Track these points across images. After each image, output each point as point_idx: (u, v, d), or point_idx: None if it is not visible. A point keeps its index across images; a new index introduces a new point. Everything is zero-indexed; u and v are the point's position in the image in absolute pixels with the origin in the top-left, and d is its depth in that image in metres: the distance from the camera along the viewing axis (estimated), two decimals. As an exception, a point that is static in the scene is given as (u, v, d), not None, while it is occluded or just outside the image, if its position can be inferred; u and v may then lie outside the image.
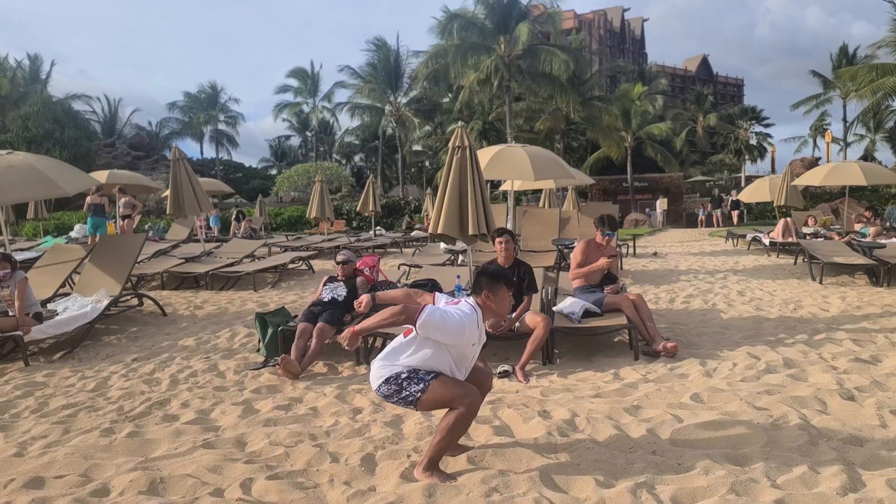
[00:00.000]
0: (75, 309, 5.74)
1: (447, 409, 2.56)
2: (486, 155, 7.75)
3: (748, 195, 17.41)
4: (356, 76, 35.46)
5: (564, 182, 11.52)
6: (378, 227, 17.58)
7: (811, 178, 12.64)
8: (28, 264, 7.40)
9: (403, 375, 2.53)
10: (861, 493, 2.35)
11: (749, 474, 2.53)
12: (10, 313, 5.11)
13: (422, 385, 2.49)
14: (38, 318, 5.24)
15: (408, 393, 2.51)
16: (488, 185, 7.84)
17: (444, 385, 2.50)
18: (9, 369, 4.74)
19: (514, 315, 4.48)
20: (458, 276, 5.62)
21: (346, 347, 2.59)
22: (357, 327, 2.58)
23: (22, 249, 10.88)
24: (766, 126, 43.73)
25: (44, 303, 5.80)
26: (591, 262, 5.13)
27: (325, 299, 5.07)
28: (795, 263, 9.60)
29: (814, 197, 21.71)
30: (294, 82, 42.28)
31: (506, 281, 2.67)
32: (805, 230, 11.76)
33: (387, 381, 2.56)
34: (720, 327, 5.47)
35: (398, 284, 5.69)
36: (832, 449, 2.75)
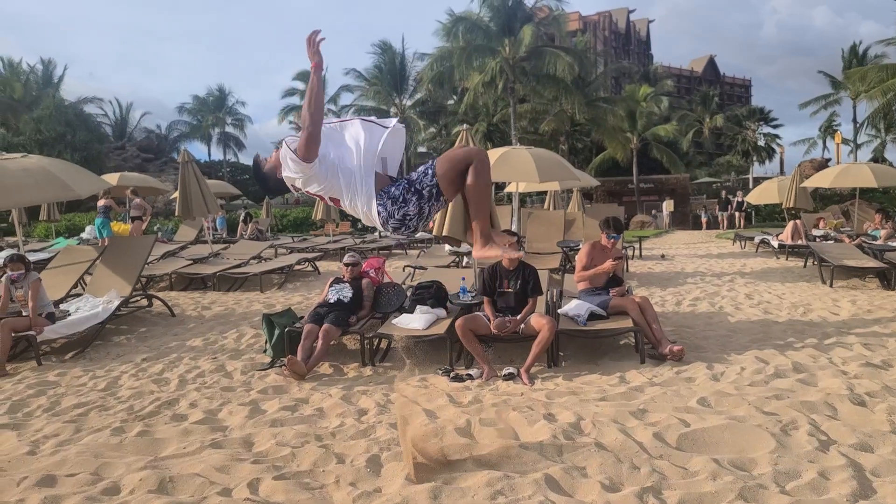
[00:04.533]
0: (87, 309, 5.81)
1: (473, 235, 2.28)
2: (490, 157, 7.74)
3: (756, 197, 17.28)
4: (361, 79, 35.60)
5: (569, 184, 11.51)
6: (384, 229, 17.55)
7: (821, 180, 12.54)
8: (41, 265, 7.49)
9: (398, 197, 2.17)
10: (871, 500, 2.34)
11: (757, 480, 2.51)
12: (24, 313, 5.18)
13: (429, 172, 2.19)
14: (51, 318, 5.31)
15: (420, 188, 2.17)
16: (493, 186, 7.84)
17: (445, 156, 2.25)
18: (22, 368, 4.80)
19: (519, 317, 4.49)
20: (463, 279, 5.63)
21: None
22: None
23: (35, 250, 11.00)
24: (775, 127, 43.45)
25: (56, 303, 5.87)
26: (597, 264, 5.12)
27: (331, 300, 5.10)
28: (805, 266, 9.53)
29: (824, 198, 21.51)
30: (300, 85, 42.47)
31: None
32: (815, 232, 11.65)
33: (388, 214, 2.20)
34: (727, 330, 5.44)
35: (403, 286, 5.70)
36: (842, 455, 2.72)
